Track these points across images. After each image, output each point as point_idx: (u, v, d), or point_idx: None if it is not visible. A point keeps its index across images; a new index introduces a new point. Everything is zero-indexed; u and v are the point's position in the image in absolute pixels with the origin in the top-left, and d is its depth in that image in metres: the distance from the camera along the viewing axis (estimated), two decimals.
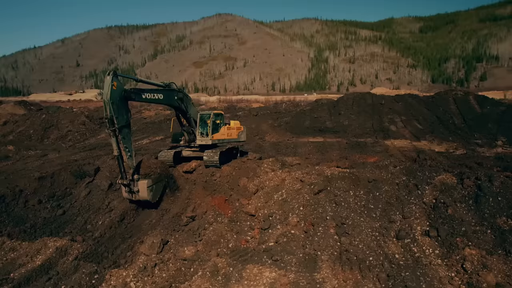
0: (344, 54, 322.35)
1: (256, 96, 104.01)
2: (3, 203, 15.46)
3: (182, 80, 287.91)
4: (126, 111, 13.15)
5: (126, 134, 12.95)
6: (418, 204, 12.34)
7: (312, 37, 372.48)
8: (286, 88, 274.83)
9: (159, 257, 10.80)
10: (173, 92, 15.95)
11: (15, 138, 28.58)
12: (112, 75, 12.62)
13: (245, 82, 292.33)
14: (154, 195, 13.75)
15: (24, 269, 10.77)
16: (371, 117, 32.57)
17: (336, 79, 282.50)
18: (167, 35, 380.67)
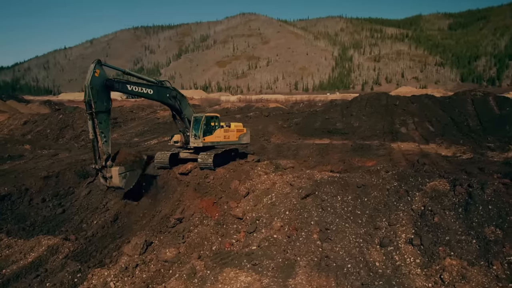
0: (369, 53, 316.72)
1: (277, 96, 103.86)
2: (9, 201, 16.29)
3: (206, 79, 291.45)
4: (107, 99, 13.80)
5: (103, 120, 13.54)
6: (406, 211, 12.09)
7: (337, 36, 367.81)
8: (309, 87, 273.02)
9: (142, 258, 11.07)
10: (165, 89, 16.21)
11: (33, 137, 29.88)
12: (96, 63, 13.69)
13: (267, 81, 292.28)
14: (127, 182, 14.01)
15: (16, 266, 11.31)
16: (383, 119, 31.96)
17: (361, 78, 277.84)
18: (192, 35, 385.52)
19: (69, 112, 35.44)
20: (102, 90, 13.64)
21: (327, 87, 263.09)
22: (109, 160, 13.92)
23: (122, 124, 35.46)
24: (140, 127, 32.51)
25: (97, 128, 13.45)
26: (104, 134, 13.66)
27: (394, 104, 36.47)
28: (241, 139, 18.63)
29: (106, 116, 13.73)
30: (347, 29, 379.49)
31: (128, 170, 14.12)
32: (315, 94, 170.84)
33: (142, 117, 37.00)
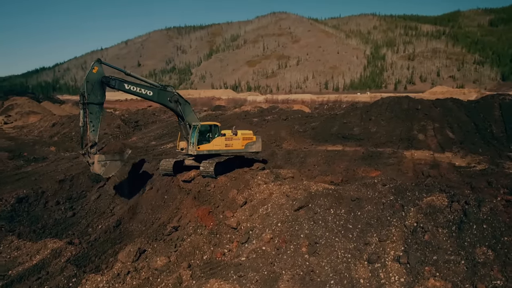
0: (403, 51, 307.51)
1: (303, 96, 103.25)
2: (26, 203, 17.36)
3: (236, 79, 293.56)
4: (100, 93, 15.23)
5: (94, 112, 15.05)
6: (399, 226, 11.91)
7: (369, 34, 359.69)
8: (339, 87, 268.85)
9: (134, 265, 11.57)
10: (167, 93, 16.85)
11: (59, 139, 31.50)
12: (96, 61, 15.39)
13: (297, 81, 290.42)
14: (106, 171, 15.15)
15: (21, 267, 12.13)
16: (402, 124, 31.17)
17: (394, 77, 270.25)
18: (222, 35, 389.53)
19: None
20: (98, 85, 15.12)
21: (358, 86, 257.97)
22: (94, 147, 15.21)
23: (142, 127, 36.64)
24: (159, 130, 33.45)
25: (87, 117, 14.91)
26: (93, 124, 15.07)
27: (415, 109, 35.46)
28: (248, 147, 18.47)
29: (98, 108, 15.21)
30: (380, 27, 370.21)
31: (109, 160, 15.33)
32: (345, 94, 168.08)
33: (163, 120, 38.02)
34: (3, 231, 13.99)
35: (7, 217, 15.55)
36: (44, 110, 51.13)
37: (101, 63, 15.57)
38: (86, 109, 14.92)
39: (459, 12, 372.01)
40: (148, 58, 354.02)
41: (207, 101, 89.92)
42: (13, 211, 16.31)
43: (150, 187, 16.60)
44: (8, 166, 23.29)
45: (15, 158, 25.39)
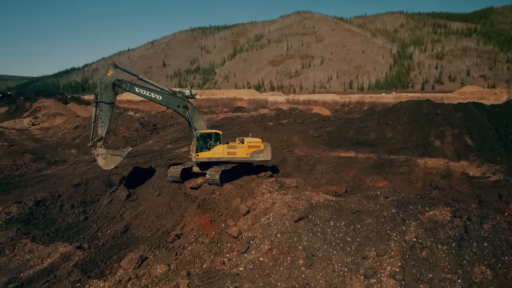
0: (431, 50, 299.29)
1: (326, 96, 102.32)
2: (43, 206, 18.19)
3: (259, 79, 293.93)
4: (112, 95, 17.15)
5: (105, 110, 17.16)
6: (398, 241, 11.79)
7: (396, 32, 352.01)
8: (364, 87, 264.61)
9: (135, 272, 11.98)
10: (176, 98, 17.81)
11: (80, 141, 32.70)
12: (112, 65, 17.36)
13: (321, 80, 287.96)
14: (107, 163, 17.52)
15: (32, 270, 12.78)
16: (420, 129, 30.49)
17: (421, 76, 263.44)
18: (246, 35, 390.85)
19: (113, 118, 38.13)
20: (110, 87, 16.97)
21: (383, 86, 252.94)
22: (100, 141, 17.33)
23: (160, 130, 37.46)
24: (176, 134, 34.12)
25: (98, 114, 17.06)
26: (102, 120, 17.20)
27: (435, 113, 34.64)
28: (255, 156, 18.09)
29: (108, 107, 17.23)
30: (407, 25, 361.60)
31: (110, 154, 17.52)
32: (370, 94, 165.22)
33: (180, 123, 38.62)
34: (19, 234, 14.72)
35: (24, 220, 16.35)
36: (70, 112, 53.12)
37: (116, 67, 17.37)
38: (98, 107, 17.07)
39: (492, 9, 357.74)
40: (173, 58, 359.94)
41: (229, 102, 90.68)
42: (30, 214, 17.13)
43: (158, 193, 17.04)
44: (30, 168, 24.43)
45: (37, 160, 26.59)
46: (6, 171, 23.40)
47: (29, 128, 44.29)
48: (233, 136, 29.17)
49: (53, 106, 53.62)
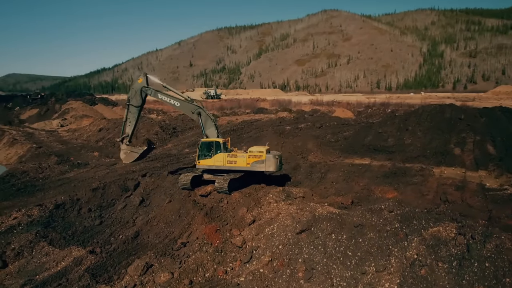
0: (463, 47, 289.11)
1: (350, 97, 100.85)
2: (63, 209, 19.13)
3: (284, 78, 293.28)
4: (139, 99, 19.75)
5: (133, 112, 19.93)
6: (399, 257, 11.71)
7: (426, 30, 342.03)
8: (392, 86, 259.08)
9: (141, 279, 12.46)
10: (191, 106, 19.19)
11: (103, 144, 33.93)
12: (142, 74, 19.91)
13: (347, 80, 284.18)
14: (126, 158, 20.50)
15: (47, 273, 13.53)
16: (440, 136, 29.72)
17: (452, 75, 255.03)
18: (272, 34, 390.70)
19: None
20: (138, 92, 19.62)
21: (412, 85, 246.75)
22: (125, 138, 20.20)
23: (179, 134, 38.25)
24: (194, 138, 34.72)
25: (127, 115, 20.04)
26: (130, 120, 20.08)
27: (458, 118, 33.62)
28: (255, 166, 17.51)
29: (136, 110, 19.92)
30: (438, 22, 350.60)
31: (129, 150, 20.19)
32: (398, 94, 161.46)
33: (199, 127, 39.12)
34: (37, 237, 15.57)
35: (44, 223, 17.26)
36: (96, 113, 55.08)
37: (145, 75, 19.90)
38: (128, 109, 20.06)
39: None
40: (200, 58, 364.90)
41: (251, 102, 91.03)
42: (50, 217, 18.06)
43: (169, 200, 17.52)
44: (54, 171, 25.63)
45: (62, 163, 27.85)
46: (32, 173, 24.67)
47: (58, 129, 46.33)
48: (249, 141, 29.53)
49: (81, 108, 55.81)
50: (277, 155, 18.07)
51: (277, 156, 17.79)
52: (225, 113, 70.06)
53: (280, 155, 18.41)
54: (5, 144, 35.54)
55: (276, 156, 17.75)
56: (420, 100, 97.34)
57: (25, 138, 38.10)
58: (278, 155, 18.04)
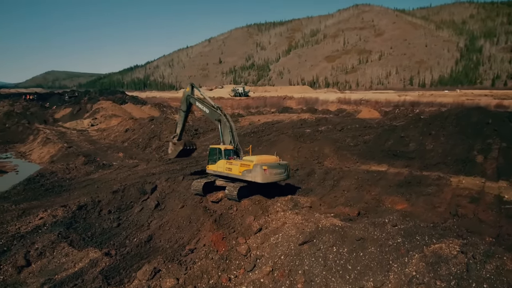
0: (504, 42, 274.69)
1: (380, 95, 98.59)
2: (85, 210, 20.26)
3: (313, 75, 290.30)
4: (186, 105, 22.59)
5: (181, 115, 23.17)
6: (398, 273, 11.75)
7: (464, 24, 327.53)
8: (426, 83, 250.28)
9: (148, 283, 13.15)
10: (214, 113, 20.40)
11: (128, 145, 35.28)
12: (190, 84, 22.76)
13: (379, 76, 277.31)
14: (172, 153, 23.18)
15: (65, 273, 14.49)
16: (464, 141, 28.82)
17: (491, 71, 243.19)
18: (302, 30, 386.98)
19: (159, 122, 40.63)
20: (185, 99, 22.48)
21: (448, 82, 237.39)
22: (175, 137, 23.37)
23: (201, 135, 39.09)
24: (215, 140, 35.38)
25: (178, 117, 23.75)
26: (178, 122, 23.54)
27: (486, 123, 32.39)
28: (245, 174, 17.33)
29: (183, 113, 22.94)
30: (477, 15, 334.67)
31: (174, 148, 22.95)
32: (431, 91, 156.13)
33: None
34: (59, 238, 16.64)
35: (67, 224, 18.35)
36: (125, 113, 57.10)
37: (191, 85, 22.69)
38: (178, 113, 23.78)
39: None
40: (229, 55, 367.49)
41: (277, 101, 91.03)
42: (73, 217, 19.18)
43: (182, 205, 18.17)
44: (80, 171, 27.05)
45: (88, 163, 29.32)
46: (60, 174, 26.17)
47: (88, 129, 48.54)
48: (266, 145, 29.85)
49: (110, 107, 58.04)
50: (273, 164, 17.54)
51: (267, 166, 17.13)
52: (250, 112, 70.69)
53: (285, 164, 18.23)
54: (39, 143, 37.71)
55: (266, 166, 17.04)
56: (453, 98, 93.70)
57: (58, 137, 40.24)
58: (274, 165, 17.52)
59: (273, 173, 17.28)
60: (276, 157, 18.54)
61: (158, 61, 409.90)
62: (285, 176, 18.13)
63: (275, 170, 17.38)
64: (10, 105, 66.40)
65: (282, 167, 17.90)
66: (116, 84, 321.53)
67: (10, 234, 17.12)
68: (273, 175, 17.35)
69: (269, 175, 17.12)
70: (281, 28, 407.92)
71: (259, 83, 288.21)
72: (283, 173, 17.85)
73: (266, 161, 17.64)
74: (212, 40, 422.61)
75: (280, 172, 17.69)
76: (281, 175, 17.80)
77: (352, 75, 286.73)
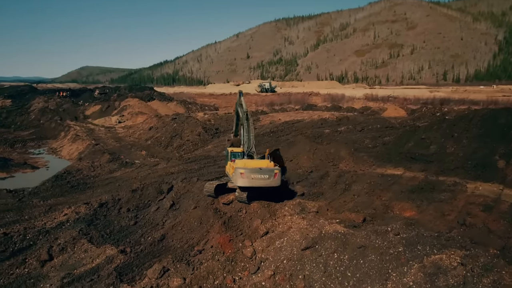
0: None
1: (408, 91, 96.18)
2: (106, 208, 21.41)
3: (342, 70, 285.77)
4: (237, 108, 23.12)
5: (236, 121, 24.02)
6: (396, 282, 11.94)
7: (504, 15, 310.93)
8: (461, 78, 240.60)
9: (157, 282, 13.92)
10: (242, 118, 21.39)
11: (151, 143, 36.52)
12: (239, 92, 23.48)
13: (410, 71, 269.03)
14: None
15: (83, 268, 15.54)
16: (488, 145, 27.93)
17: None
18: (331, 24, 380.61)
19: (181, 121, 41.70)
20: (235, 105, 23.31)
21: (484, 77, 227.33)
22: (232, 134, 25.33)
23: (221, 135, 39.81)
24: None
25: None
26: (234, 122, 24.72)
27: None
28: (233, 177, 17.75)
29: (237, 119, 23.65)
30: None
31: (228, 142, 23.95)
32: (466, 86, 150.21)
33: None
34: (80, 234, 17.77)
35: (88, 220, 19.53)
36: (151, 110, 58.87)
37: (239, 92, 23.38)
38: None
39: None
40: (257, 50, 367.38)
41: (301, 98, 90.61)
42: (94, 215, 20.37)
43: (194, 206, 18.88)
44: (104, 169, 28.42)
45: (113, 161, 30.71)
46: (85, 171, 27.63)
47: (115, 126, 50.49)
48: (283, 146, 30.13)
49: (137, 105, 60.00)
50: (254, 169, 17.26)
51: (245, 171, 17.01)
52: (274, 109, 70.79)
53: (271, 169, 17.45)
54: (69, 140, 39.74)
55: (243, 171, 16.98)
56: (487, 95, 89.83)
57: (86, 134, 42.21)
58: (254, 170, 17.24)
59: (251, 178, 16.90)
60: (267, 162, 18.09)
61: (187, 56, 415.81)
62: (270, 182, 17.24)
63: (255, 175, 16.94)
64: (45, 101, 69.89)
65: (266, 172, 17.20)
66: (146, 79, 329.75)
67: (37, 229, 18.38)
68: (252, 180, 16.95)
69: (247, 179, 16.85)
70: (309, 22, 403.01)
71: (286, 78, 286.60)
72: (266, 178, 17.11)
73: (250, 166, 17.42)
74: (240, 35, 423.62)
75: (262, 177, 17.04)
76: (264, 180, 17.10)
77: (382, 69, 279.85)
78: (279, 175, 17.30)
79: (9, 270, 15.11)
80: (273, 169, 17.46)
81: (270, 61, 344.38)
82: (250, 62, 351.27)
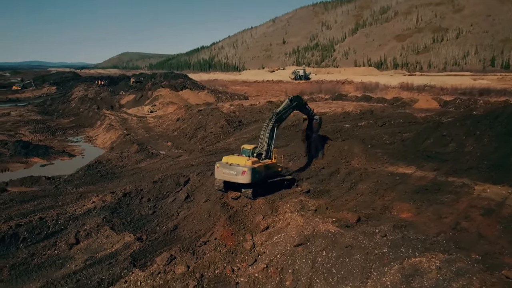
0: None
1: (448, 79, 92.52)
2: (129, 197, 23.48)
3: (381, 55, 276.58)
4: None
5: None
6: (375, 281, 12.89)
7: None
8: (511, 64, 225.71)
9: (164, 268, 15.64)
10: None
11: (178, 134, 38.46)
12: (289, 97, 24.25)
13: (455, 57, 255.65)
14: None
15: (104, 252, 17.59)
16: (511, 144, 27.34)
17: None
18: (371, 7, 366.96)
19: (206, 113, 43.32)
20: None
21: None
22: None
23: (243, 127, 41.04)
24: (256, 132, 37.03)
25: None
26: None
27: None
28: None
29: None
30: None
31: None
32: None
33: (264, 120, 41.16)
34: (104, 221, 19.87)
35: (112, 208, 21.64)
36: (181, 100, 61.12)
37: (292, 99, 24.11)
38: None
39: None
40: (293, 35, 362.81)
41: (332, 87, 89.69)
42: (118, 203, 22.48)
43: (205, 200, 20.44)
44: (131, 160, 30.66)
45: (140, 151, 32.96)
46: (114, 161, 30.00)
47: (147, 115, 53.21)
48: (298, 141, 30.93)
49: (168, 95, 62.45)
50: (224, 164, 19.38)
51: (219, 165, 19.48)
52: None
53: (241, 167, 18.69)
54: (103, 129, 42.69)
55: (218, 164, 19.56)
56: None
57: (120, 123, 45.02)
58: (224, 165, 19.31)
59: (222, 172, 19.20)
60: (245, 159, 19.28)
61: (223, 42, 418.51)
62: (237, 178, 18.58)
63: (225, 170, 19.03)
64: (85, 89, 74.24)
65: (234, 169, 18.72)
66: (183, 65, 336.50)
67: (68, 215, 20.67)
68: (223, 174, 19.19)
69: (220, 173, 19.29)
70: (348, 6, 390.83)
71: (322, 64, 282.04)
72: (234, 174, 18.63)
73: (227, 161, 19.60)
74: (277, 20, 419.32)
75: (231, 173, 18.80)
76: (232, 176, 18.76)
77: (424, 55, 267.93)
78: (248, 173, 18.32)
79: (42, 251, 17.39)
80: (242, 167, 18.65)
81: (306, 47, 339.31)
82: (285, 47, 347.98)
